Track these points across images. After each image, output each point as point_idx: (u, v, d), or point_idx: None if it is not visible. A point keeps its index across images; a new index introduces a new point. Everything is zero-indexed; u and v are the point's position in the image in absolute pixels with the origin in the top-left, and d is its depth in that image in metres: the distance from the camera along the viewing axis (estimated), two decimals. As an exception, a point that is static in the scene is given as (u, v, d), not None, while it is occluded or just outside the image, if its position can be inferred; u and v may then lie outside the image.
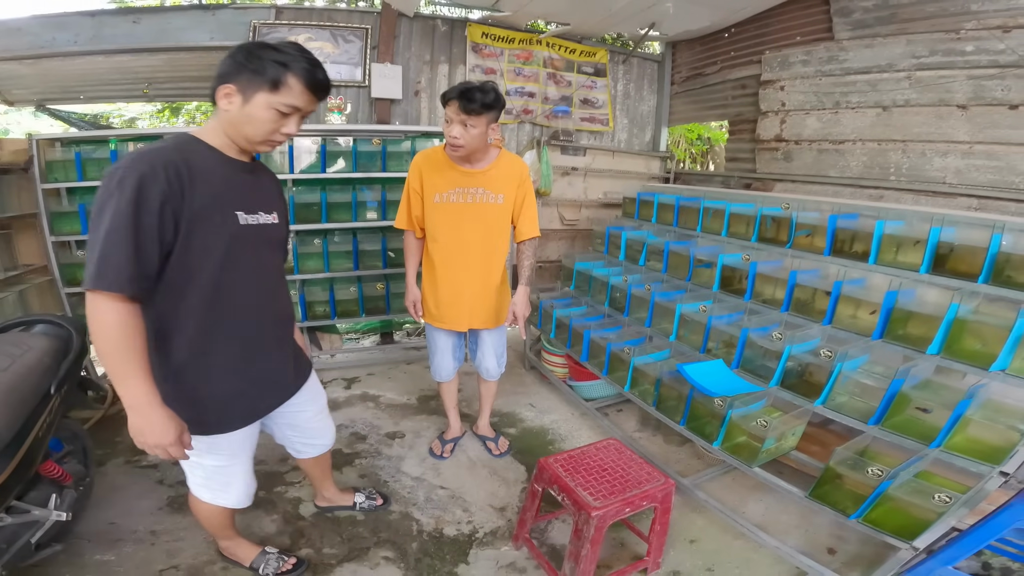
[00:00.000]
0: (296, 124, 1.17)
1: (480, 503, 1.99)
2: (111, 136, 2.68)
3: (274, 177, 1.39)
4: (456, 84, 1.72)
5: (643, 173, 4.23)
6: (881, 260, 1.83)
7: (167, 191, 1.01)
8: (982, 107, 2.56)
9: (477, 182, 1.89)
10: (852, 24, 3.06)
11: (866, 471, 1.47)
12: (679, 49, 4.26)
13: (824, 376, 1.73)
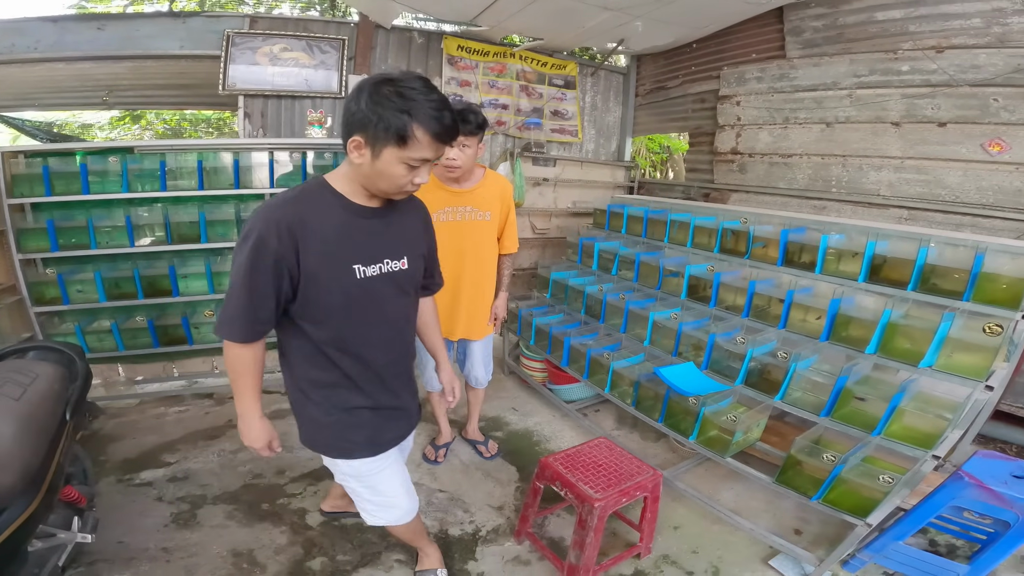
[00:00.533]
0: (427, 173, 1.14)
1: (479, 503, 2.15)
2: (78, 149, 2.65)
3: (417, 215, 1.36)
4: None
5: (609, 182, 4.48)
6: (826, 270, 2.11)
7: (279, 251, 1.09)
8: (913, 124, 2.88)
9: (466, 201, 1.99)
10: (802, 43, 3.35)
11: (822, 457, 1.73)
12: (643, 62, 4.53)
13: (781, 375, 1.99)
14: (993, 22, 2.58)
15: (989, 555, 1.56)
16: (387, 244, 1.24)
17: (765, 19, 3.49)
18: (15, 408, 1.30)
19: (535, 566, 1.83)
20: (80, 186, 2.55)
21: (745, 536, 1.98)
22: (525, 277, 4.23)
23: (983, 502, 1.48)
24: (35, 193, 2.54)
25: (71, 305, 2.64)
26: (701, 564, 1.85)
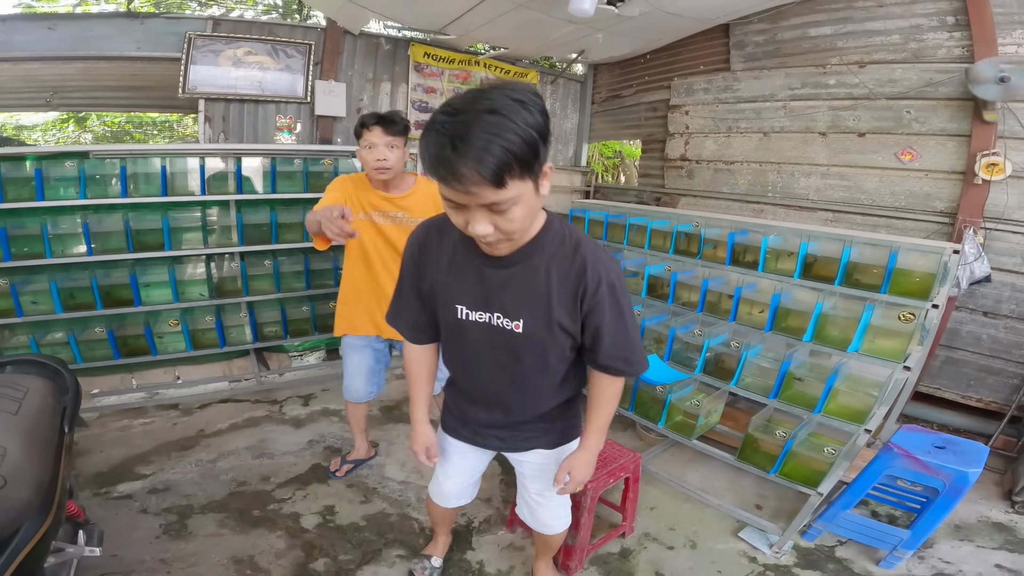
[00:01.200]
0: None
1: (464, 498, 2.29)
2: (29, 153, 2.58)
3: (570, 281, 1.09)
4: (369, 112, 1.90)
5: (567, 187, 4.73)
6: (767, 268, 2.38)
7: (409, 264, 1.23)
8: (838, 134, 3.26)
9: (397, 207, 2.00)
10: (745, 57, 3.68)
11: (775, 434, 2.01)
12: (600, 71, 4.80)
13: (734, 363, 2.27)
14: (910, 38, 2.95)
15: (926, 520, 1.84)
16: (501, 298, 1.11)
17: (713, 33, 3.79)
18: (16, 423, 1.29)
19: (529, 551, 1.98)
20: (33, 192, 2.48)
21: (714, 512, 2.23)
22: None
23: (912, 471, 1.77)
24: None
25: (24, 317, 2.55)
26: (679, 539, 2.08)
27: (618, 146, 5.90)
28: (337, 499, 2.22)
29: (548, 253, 1.08)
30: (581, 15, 2.70)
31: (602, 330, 1.12)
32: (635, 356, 1.17)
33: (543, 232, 1.09)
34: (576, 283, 1.08)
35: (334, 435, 2.73)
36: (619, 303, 1.11)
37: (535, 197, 0.96)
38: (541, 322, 1.11)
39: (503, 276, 1.10)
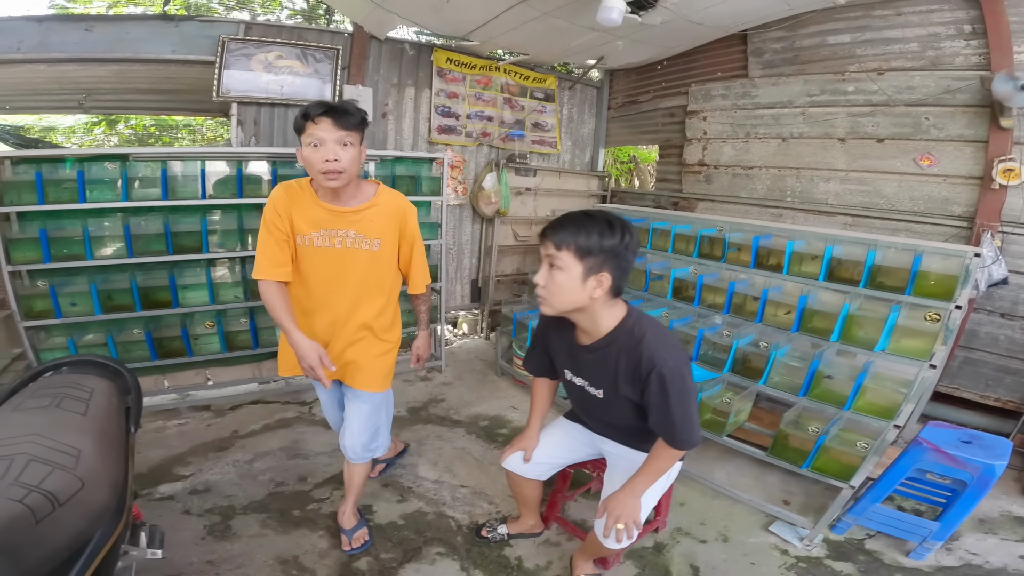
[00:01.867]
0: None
1: (500, 495, 2.38)
2: (68, 155, 2.66)
3: (628, 363, 1.45)
4: (315, 101, 1.57)
5: (584, 191, 4.86)
6: (791, 271, 2.51)
7: (540, 334, 1.76)
8: (857, 140, 3.38)
9: (347, 223, 1.68)
10: (763, 64, 3.81)
11: (808, 429, 2.13)
12: (616, 77, 4.94)
13: (762, 362, 2.39)
14: (928, 46, 3.07)
15: (954, 512, 1.96)
16: (588, 373, 1.60)
17: (730, 40, 3.92)
18: (86, 424, 1.29)
19: (564, 547, 2.08)
20: (73, 194, 2.56)
21: (744, 508, 2.34)
22: (508, 283, 4.52)
23: (942, 464, 1.89)
24: (25, 201, 2.50)
25: (63, 319, 2.65)
26: (711, 533, 2.19)
27: (633, 151, 6.04)
28: (374, 499, 2.32)
29: (618, 345, 1.47)
30: (608, 24, 2.83)
31: (651, 407, 1.47)
32: (676, 435, 1.45)
33: (617, 329, 1.48)
34: (635, 369, 1.45)
35: (366, 435, 2.83)
36: (666, 391, 1.40)
37: (579, 280, 1.36)
38: (611, 392, 1.55)
39: (588, 359, 1.57)
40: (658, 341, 1.42)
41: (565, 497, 2.16)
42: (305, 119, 1.53)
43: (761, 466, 2.54)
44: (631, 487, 1.53)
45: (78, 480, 1.12)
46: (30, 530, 0.99)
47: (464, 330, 4.79)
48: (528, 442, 1.85)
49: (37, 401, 1.36)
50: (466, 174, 4.20)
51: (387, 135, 3.85)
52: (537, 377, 1.85)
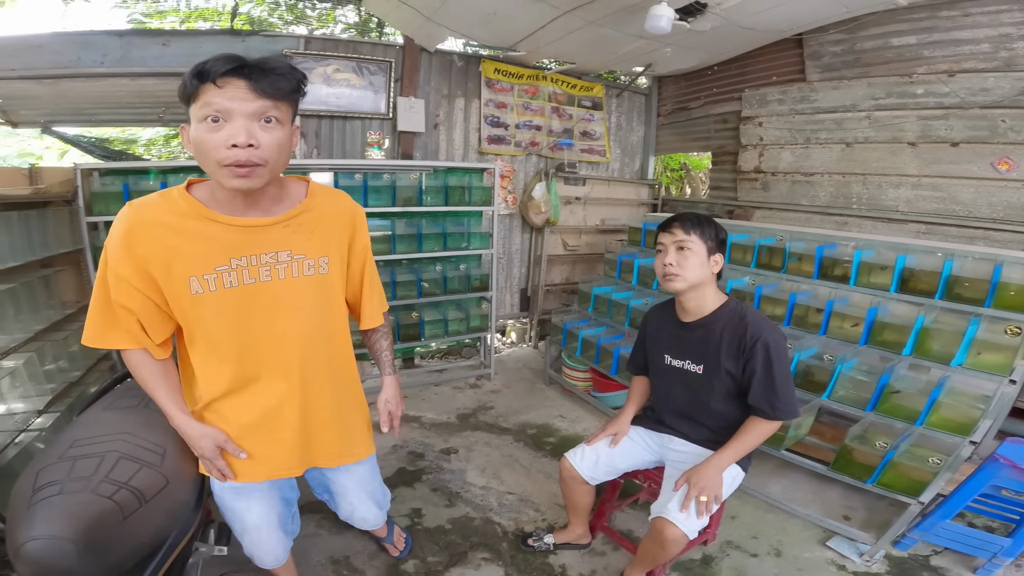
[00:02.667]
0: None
1: (546, 503, 2.43)
2: (151, 167, 2.88)
3: (732, 336, 1.67)
4: (217, 55, 1.01)
5: (634, 200, 4.89)
6: (859, 282, 2.46)
7: (642, 335, 2.00)
8: (929, 144, 3.28)
9: (275, 241, 1.19)
10: (822, 67, 3.77)
11: (874, 444, 2.09)
12: (665, 84, 4.96)
13: (826, 375, 2.34)
14: (1000, 47, 2.98)
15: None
16: (691, 348, 1.77)
17: (785, 44, 3.89)
18: (168, 423, 1.32)
19: (610, 556, 2.11)
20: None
21: (799, 522, 2.31)
22: (557, 292, 4.58)
23: (1019, 480, 1.82)
24: (112, 211, 2.66)
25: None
26: (763, 547, 2.17)
27: (684, 158, 6.02)
28: (423, 503, 2.41)
29: (723, 322, 1.70)
30: (657, 32, 2.88)
31: (754, 377, 1.63)
32: (778, 403, 1.61)
33: (721, 308, 1.73)
34: (740, 340, 1.65)
35: (416, 441, 2.94)
36: (770, 359, 1.60)
37: (706, 264, 1.68)
38: (712, 366, 1.71)
39: (692, 336, 1.77)
40: (760, 318, 1.69)
41: (613, 507, 2.19)
42: (200, 79, 1.00)
43: (820, 481, 2.50)
44: (717, 460, 1.65)
45: (163, 478, 1.20)
46: (118, 526, 1.06)
47: (512, 338, 4.88)
48: (620, 427, 1.98)
49: (126, 401, 1.46)
50: (515, 184, 4.32)
51: (439, 146, 4.01)
52: (637, 376, 2.08)
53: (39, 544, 0.96)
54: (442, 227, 3.45)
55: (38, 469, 1.12)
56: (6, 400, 2.04)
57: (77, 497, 1.05)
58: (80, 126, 3.60)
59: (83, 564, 0.98)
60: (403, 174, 3.27)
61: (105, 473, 1.12)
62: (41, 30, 3.04)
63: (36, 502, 1.03)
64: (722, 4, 2.99)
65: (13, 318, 2.11)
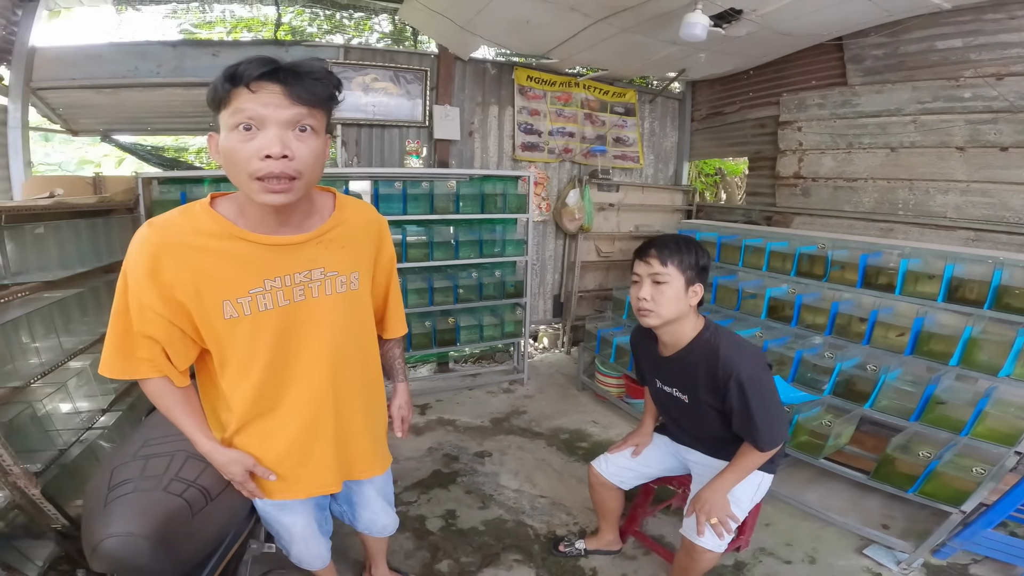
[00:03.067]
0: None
1: (578, 507, 2.47)
2: (206, 176, 3.00)
3: (707, 370, 1.58)
4: (250, 58, 0.97)
5: (668, 206, 4.90)
6: (905, 291, 2.44)
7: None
8: (977, 149, 3.20)
9: (308, 259, 1.16)
10: (864, 71, 3.72)
11: (918, 454, 2.09)
12: (699, 88, 4.96)
13: (869, 385, 2.34)
14: None
15: None
16: (681, 378, 1.73)
17: (824, 48, 3.83)
18: None
19: (640, 561, 2.15)
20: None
21: (836, 531, 2.31)
22: (590, 298, 4.63)
23: None
24: None
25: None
26: (797, 554, 2.17)
27: (719, 163, 5.99)
28: (458, 504, 2.49)
29: (697, 355, 1.63)
30: (692, 39, 2.91)
31: (733, 412, 1.59)
32: (759, 437, 1.55)
33: (696, 340, 1.64)
34: (714, 377, 1.58)
35: (451, 443, 3.03)
36: (745, 396, 1.53)
37: (683, 297, 1.56)
38: (694, 398, 1.70)
39: (672, 369, 1.73)
40: (733, 349, 1.57)
41: (646, 512, 2.22)
42: (232, 83, 0.96)
43: (860, 489, 2.50)
44: (717, 483, 1.64)
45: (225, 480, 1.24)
46: (187, 523, 1.11)
47: (545, 344, 4.94)
48: (641, 438, 2.00)
49: None
50: (549, 190, 4.39)
51: (474, 153, 4.11)
52: (644, 386, 2.05)
53: (116, 541, 1.02)
54: (478, 234, 3.54)
55: (113, 467, 1.19)
56: (73, 399, 2.18)
57: (150, 495, 1.11)
58: (136, 135, 3.78)
59: (155, 560, 1.03)
60: (440, 182, 3.37)
61: (175, 472, 1.18)
62: (98, 40, 3.22)
63: (112, 499, 1.08)
64: (758, 10, 3.01)
65: (80, 321, 2.26)
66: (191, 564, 1.16)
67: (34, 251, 2.04)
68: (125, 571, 1.05)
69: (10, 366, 1.79)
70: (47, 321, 2.00)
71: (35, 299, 1.97)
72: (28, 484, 1.62)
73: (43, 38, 3.12)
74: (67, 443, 2.00)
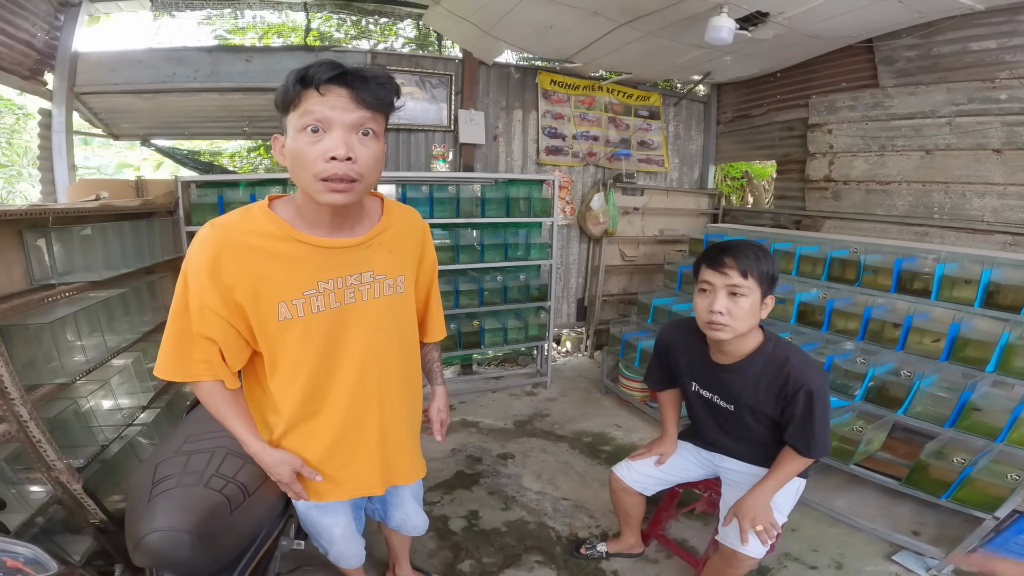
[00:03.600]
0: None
1: (601, 510, 2.49)
2: (241, 180, 3.12)
3: (771, 384, 1.56)
4: (319, 61, 1.02)
5: (694, 210, 4.89)
6: (940, 297, 2.39)
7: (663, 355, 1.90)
8: (1015, 151, 3.13)
9: (359, 262, 1.20)
10: (896, 72, 3.67)
11: (952, 460, 2.07)
12: (724, 91, 4.94)
13: (900, 391, 2.32)
14: None
15: None
16: (726, 387, 1.70)
17: (853, 49, 3.79)
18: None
19: (663, 564, 2.16)
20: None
21: (864, 536, 2.29)
22: (614, 302, 4.64)
23: None
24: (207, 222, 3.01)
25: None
26: (823, 560, 2.16)
27: (745, 166, 5.94)
28: (480, 505, 2.52)
29: (760, 366, 1.59)
30: (718, 43, 2.92)
31: (792, 420, 1.56)
32: (814, 444, 1.55)
33: (758, 351, 1.60)
34: (781, 387, 1.55)
35: (474, 445, 3.07)
36: (811, 407, 1.52)
37: (758, 311, 1.51)
38: (743, 407, 1.66)
39: (725, 376, 1.66)
40: (802, 362, 1.57)
41: (670, 515, 2.22)
42: (303, 85, 1.00)
43: (889, 495, 2.47)
44: (760, 490, 1.63)
45: (263, 474, 1.27)
46: (226, 518, 1.14)
47: (567, 347, 4.96)
48: (666, 447, 1.96)
49: None
50: (573, 194, 4.42)
51: (499, 157, 4.16)
52: (661, 391, 1.98)
53: (159, 536, 1.04)
54: (503, 238, 3.59)
55: (157, 463, 1.23)
56: (115, 396, 2.26)
57: (192, 491, 1.14)
58: (174, 139, 3.92)
59: (195, 554, 1.06)
60: (465, 186, 3.43)
61: (215, 468, 1.21)
62: (137, 46, 3.34)
63: (156, 495, 1.11)
64: (784, 12, 3.00)
65: (123, 319, 2.36)
66: (228, 559, 1.19)
67: (80, 252, 2.13)
68: (166, 565, 1.07)
69: (56, 363, 1.85)
70: (92, 320, 2.07)
71: (81, 298, 2.06)
72: (70, 479, 1.69)
73: (85, 43, 3.24)
74: (108, 439, 2.08)
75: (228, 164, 4.88)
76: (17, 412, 1.58)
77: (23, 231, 1.89)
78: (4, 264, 1.83)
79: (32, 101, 4.04)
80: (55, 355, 1.85)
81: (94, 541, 1.76)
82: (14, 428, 1.57)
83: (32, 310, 1.82)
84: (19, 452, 1.66)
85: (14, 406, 1.57)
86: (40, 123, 3.22)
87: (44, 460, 1.65)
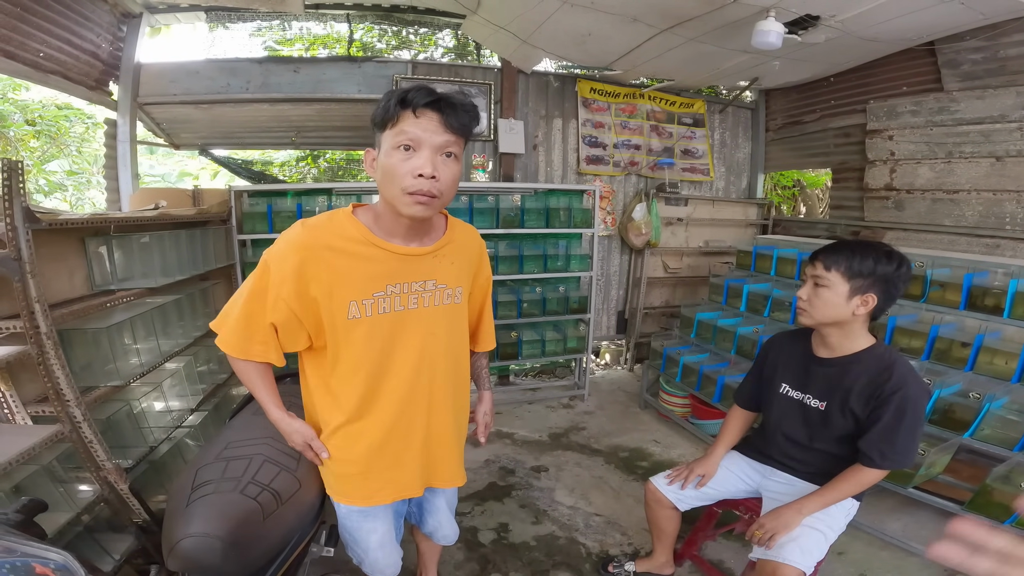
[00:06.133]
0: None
1: (634, 527, 2.42)
2: (289, 189, 3.22)
3: (871, 381, 1.57)
4: (415, 86, 1.13)
5: (741, 220, 4.73)
6: (1014, 314, 2.22)
7: (762, 360, 1.92)
8: (1091, 157, 2.94)
9: (425, 270, 1.29)
10: (961, 76, 3.47)
11: (1019, 485, 1.96)
12: (772, 97, 4.80)
13: (968, 413, 2.16)
14: None
15: None
16: (827, 390, 1.69)
17: (913, 52, 3.63)
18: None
19: None
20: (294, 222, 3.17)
21: (918, 561, 2.15)
22: (656, 315, 4.54)
23: None
24: (257, 230, 3.05)
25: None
26: None
27: (797, 175, 5.72)
28: (511, 518, 2.50)
29: (864, 365, 1.61)
30: (766, 48, 2.83)
31: (876, 424, 1.54)
32: (891, 454, 1.53)
33: (867, 352, 1.63)
34: (879, 387, 1.55)
35: (508, 457, 3.06)
36: (903, 411, 1.52)
37: (844, 297, 1.56)
38: (835, 405, 1.64)
39: (823, 371, 1.69)
40: (908, 369, 1.58)
41: (707, 535, 2.14)
42: (403, 106, 1.11)
43: (948, 519, 2.24)
44: (800, 505, 1.61)
45: (297, 481, 1.31)
46: (259, 525, 1.16)
47: (606, 360, 4.89)
48: (708, 468, 1.90)
49: None
50: (615, 204, 4.38)
51: (538, 167, 4.17)
52: (741, 408, 1.99)
53: (192, 541, 1.07)
54: (542, 248, 3.59)
55: (198, 467, 1.27)
56: (166, 398, 2.37)
57: (228, 497, 1.17)
58: (228, 148, 4.10)
59: (226, 560, 1.08)
60: (505, 196, 3.45)
61: (252, 475, 1.25)
62: (195, 57, 3.52)
63: (194, 500, 1.15)
64: (837, 16, 2.89)
65: (176, 325, 2.47)
66: (258, 565, 1.21)
67: (139, 259, 2.25)
68: (197, 570, 1.09)
69: (112, 366, 1.95)
70: (148, 325, 2.19)
71: (138, 304, 2.19)
72: (118, 479, 1.78)
73: (147, 55, 3.44)
74: (157, 440, 2.18)
75: (278, 174, 5.09)
76: (71, 413, 1.67)
77: (85, 239, 2.02)
78: (66, 270, 1.95)
79: (99, 111, 4.29)
80: (111, 358, 1.95)
81: (135, 540, 1.82)
82: (67, 429, 1.66)
83: (92, 315, 1.93)
84: (71, 452, 1.74)
85: (68, 407, 1.67)
86: (106, 132, 3.42)
87: (94, 460, 1.74)
